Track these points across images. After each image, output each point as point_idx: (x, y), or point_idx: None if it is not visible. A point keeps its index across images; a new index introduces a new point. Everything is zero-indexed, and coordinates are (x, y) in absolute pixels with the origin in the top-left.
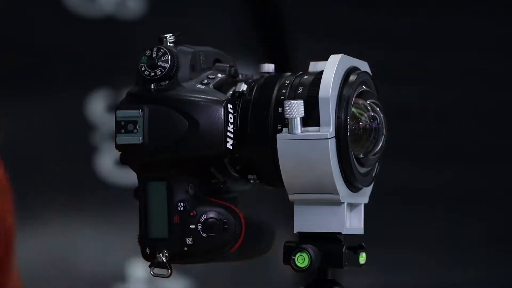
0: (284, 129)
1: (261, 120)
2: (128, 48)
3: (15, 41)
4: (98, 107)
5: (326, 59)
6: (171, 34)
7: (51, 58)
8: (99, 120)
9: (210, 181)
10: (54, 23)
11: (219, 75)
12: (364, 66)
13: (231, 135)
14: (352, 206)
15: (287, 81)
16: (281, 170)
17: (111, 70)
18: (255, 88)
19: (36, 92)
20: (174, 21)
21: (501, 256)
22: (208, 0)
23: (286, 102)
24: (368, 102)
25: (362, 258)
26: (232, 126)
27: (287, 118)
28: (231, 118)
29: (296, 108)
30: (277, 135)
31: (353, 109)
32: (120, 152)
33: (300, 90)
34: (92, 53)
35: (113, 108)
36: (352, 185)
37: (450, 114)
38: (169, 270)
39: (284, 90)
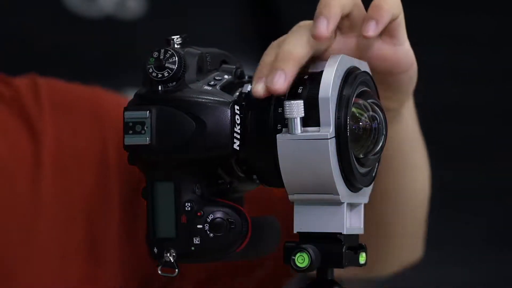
0: (284, 129)
1: (261, 120)
2: (128, 48)
3: (15, 41)
4: None
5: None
6: (178, 36)
7: (51, 58)
8: None
9: (217, 182)
10: (54, 23)
11: (226, 76)
12: (364, 66)
13: (238, 136)
14: (352, 206)
15: None
16: (281, 170)
17: (111, 70)
18: None
19: None
20: (174, 21)
21: (501, 256)
22: (208, 0)
23: (286, 102)
24: (368, 102)
25: (362, 258)
26: (239, 127)
27: (287, 118)
28: (238, 119)
29: (296, 108)
30: (277, 135)
31: (353, 109)
32: (128, 153)
33: (300, 90)
34: (92, 53)
35: None
36: (352, 185)
37: (451, 113)
38: (176, 270)
39: None
